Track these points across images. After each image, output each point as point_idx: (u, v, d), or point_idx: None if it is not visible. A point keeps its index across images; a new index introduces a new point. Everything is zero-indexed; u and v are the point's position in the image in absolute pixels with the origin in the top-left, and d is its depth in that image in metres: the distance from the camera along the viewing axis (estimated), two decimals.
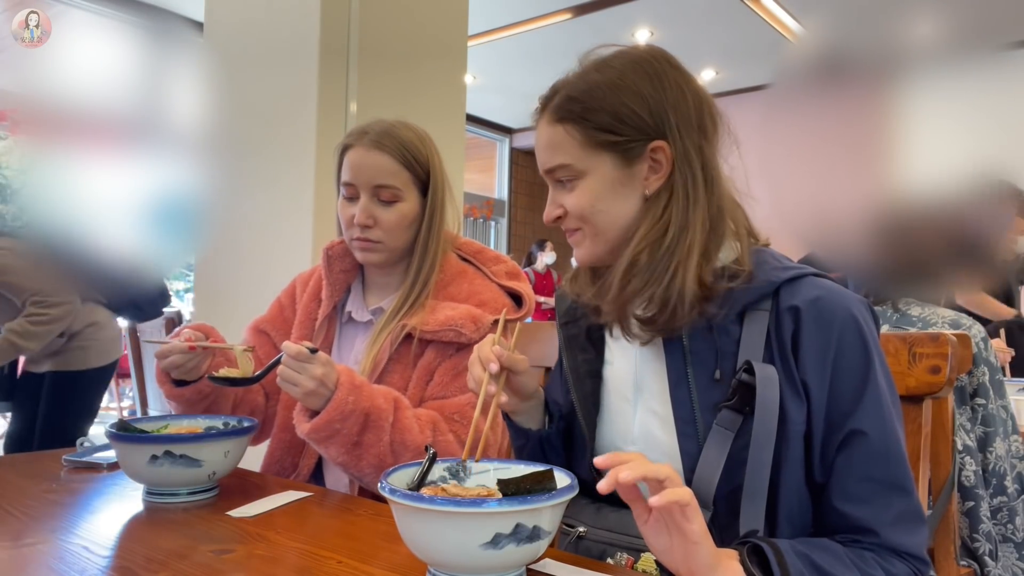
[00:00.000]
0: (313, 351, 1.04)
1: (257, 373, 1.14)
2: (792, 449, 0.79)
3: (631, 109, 0.84)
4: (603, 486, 0.63)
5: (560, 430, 0.99)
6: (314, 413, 1.08)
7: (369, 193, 1.23)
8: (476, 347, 0.88)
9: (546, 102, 0.89)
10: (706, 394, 0.83)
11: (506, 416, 0.98)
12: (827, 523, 0.80)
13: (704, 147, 0.86)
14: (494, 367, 0.83)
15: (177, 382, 1.22)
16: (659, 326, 0.84)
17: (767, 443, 0.78)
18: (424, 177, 1.27)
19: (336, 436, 1.07)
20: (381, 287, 1.34)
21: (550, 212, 0.91)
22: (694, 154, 0.85)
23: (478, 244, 1.39)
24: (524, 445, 0.97)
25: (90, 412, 2.76)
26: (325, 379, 1.05)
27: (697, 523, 0.65)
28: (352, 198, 1.25)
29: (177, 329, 1.22)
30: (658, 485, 0.64)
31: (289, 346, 1.04)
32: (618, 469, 0.63)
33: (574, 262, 0.96)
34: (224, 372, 1.14)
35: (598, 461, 0.65)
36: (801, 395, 0.80)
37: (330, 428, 1.06)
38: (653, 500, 0.62)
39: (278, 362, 1.06)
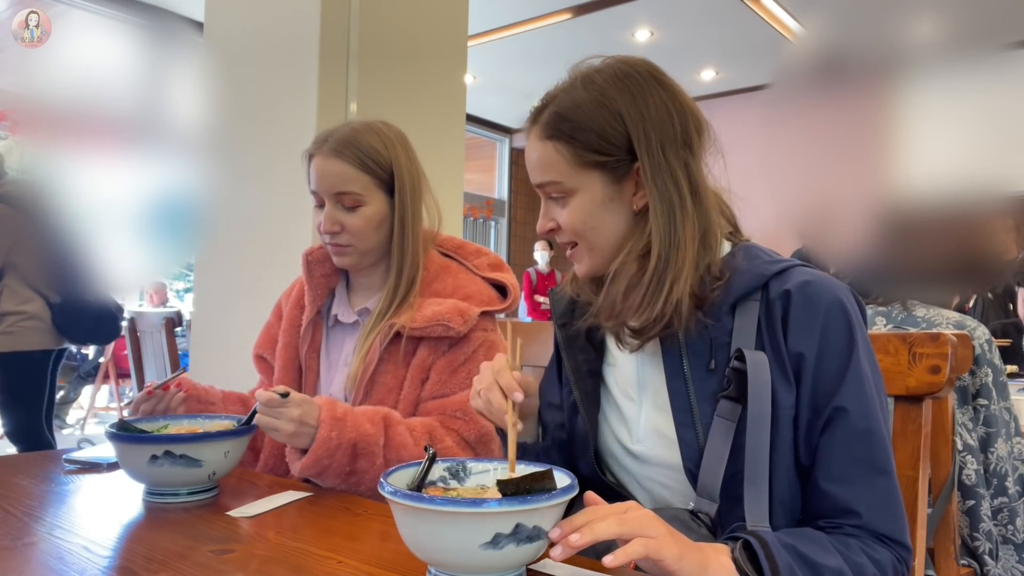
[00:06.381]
0: (284, 395, 1.02)
1: (244, 422, 1.08)
2: (782, 433, 0.81)
3: (615, 128, 0.85)
4: (557, 555, 0.63)
5: (557, 442, 0.99)
6: (305, 450, 1.08)
7: (332, 200, 1.24)
8: (489, 369, 0.86)
9: (536, 115, 0.90)
10: (702, 384, 0.86)
11: (499, 431, 0.98)
12: (812, 505, 0.82)
13: (690, 162, 0.86)
14: (519, 396, 0.81)
15: None
16: (651, 337, 0.87)
17: (762, 425, 0.80)
18: (388, 179, 1.26)
19: (328, 470, 1.08)
20: (365, 287, 1.34)
21: (543, 225, 0.93)
22: (680, 171, 0.85)
23: (458, 239, 1.40)
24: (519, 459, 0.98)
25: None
26: (305, 418, 1.04)
27: (666, 552, 0.64)
28: (320, 205, 1.26)
29: (147, 386, 1.18)
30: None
31: (261, 394, 1.02)
32: (569, 539, 0.63)
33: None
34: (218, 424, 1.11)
35: (552, 536, 0.65)
36: (791, 380, 0.82)
37: (319, 465, 1.06)
38: (607, 560, 0.62)
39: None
